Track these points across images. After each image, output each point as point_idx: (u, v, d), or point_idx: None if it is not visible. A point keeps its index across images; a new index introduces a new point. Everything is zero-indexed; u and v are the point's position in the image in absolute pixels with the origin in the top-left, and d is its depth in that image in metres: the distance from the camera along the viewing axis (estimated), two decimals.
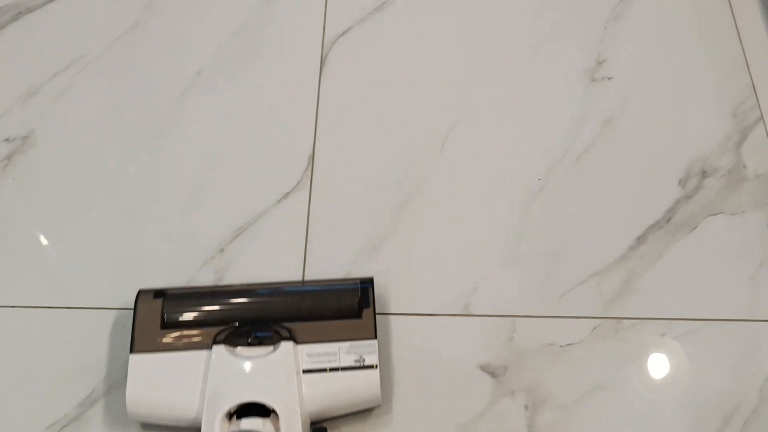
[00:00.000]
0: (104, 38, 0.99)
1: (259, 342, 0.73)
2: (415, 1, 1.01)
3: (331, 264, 0.83)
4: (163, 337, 0.73)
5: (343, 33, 0.99)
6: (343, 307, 0.75)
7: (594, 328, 0.79)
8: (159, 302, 0.76)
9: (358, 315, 0.74)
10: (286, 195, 0.88)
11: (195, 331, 0.73)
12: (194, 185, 0.89)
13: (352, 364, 0.72)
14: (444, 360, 0.78)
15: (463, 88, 0.94)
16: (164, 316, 0.75)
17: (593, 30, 0.99)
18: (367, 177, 0.89)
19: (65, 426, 0.75)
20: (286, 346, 0.72)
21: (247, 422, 0.68)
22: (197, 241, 0.85)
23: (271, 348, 0.72)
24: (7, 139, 0.92)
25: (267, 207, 0.87)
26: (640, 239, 0.84)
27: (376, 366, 0.72)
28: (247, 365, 0.71)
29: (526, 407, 0.75)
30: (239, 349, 0.72)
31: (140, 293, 0.77)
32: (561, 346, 0.78)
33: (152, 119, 0.94)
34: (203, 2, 1.02)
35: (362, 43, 0.98)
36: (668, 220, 0.85)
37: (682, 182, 0.88)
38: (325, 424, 0.73)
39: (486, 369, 0.77)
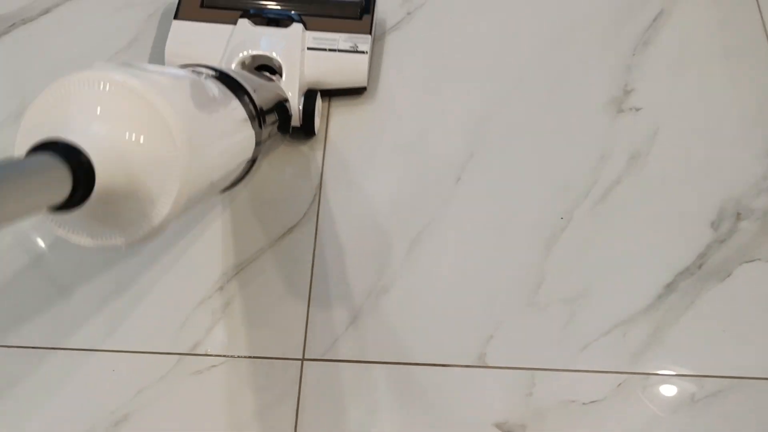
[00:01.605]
0: (101, 53, 0.94)
1: (276, 23, 0.87)
2: (432, 23, 0.95)
3: (336, 306, 0.78)
4: (201, 12, 0.88)
5: None
6: (348, 10, 0.89)
7: (619, 384, 0.74)
8: None
9: (359, 17, 0.88)
10: (292, 228, 0.82)
11: (225, 12, 0.88)
12: (192, 215, 0.84)
13: (348, 48, 0.86)
14: (457, 416, 0.72)
15: (482, 116, 0.89)
16: None
17: (621, 57, 0.92)
18: (378, 212, 0.83)
19: None
20: (296, 27, 0.87)
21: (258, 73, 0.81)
22: (195, 278, 0.80)
23: (284, 28, 0.86)
24: None
25: (271, 241, 0.81)
26: (670, 287, 0.78)
27: (367, 52, 0.86)
28: (264, 33, 0.86)
29: None
30: (258, 27, 0.86)
31: None
32: (584, 404, 0.73)
33: None
34: None
35: (375, 67, 0.93)
36: (700, 267, 0.79)
37: (714, 225, 0.82)
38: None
39: (502, 427, 0.72)
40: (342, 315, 0.77)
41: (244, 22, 0.86)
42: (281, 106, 0.79)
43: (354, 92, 0.89)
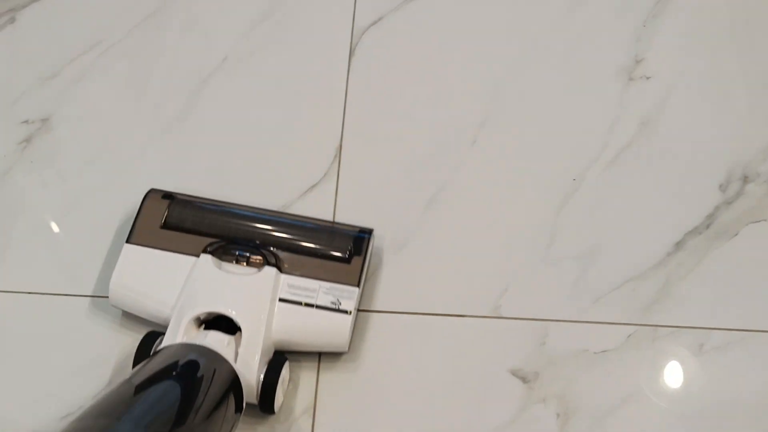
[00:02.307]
0: (126, 21, 0.97)
1: (246, 261, 0.74)
2: None
3: None
4: (160, 236, 0.76)
5: (374, 23, 0.96)
6: (335, 248, 0.76)
7: (629, 335, 0.76)
8: (165, 203, 0.78)
9: (347, 260, 0.75)
10: (313, 187, 0.85)
11: (190, 237, 0.75)
12: (216, 176, 0.87)
13: (328, 304, 0.72)
14: (473, 363, 0.75)
15: (497, 82, 0.91)
16: (166, 217, 0.77)
17: (631, 28, 0.95)
18: (396, 171, 0.86)
19: None
20: (269, 271, 0.73)
21: (212, 336, 0.69)
22: None
23: (255, 270, 0.73)
24: (26, 121, 0.90)
25: (293, 199, 0.84)
26: (679, 245, 0.81)
27: (350, 312, 0.72)
28: (228, 279, 0.73)
29: (558, 415, 0.72)
30: (225, 263, 0.74)
31: (151, 191, 0.79)
32: (595, 353, 0.75)
33: (174, 106, 0.91)
34: None
35: (393, 34, 0.95)
36: (708, 226, 0.82)
37: (722, 187, 0.84)
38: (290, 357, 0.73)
39: (517, 374, 0.74)
40: None
41: (207, 259, 0.73)
42: (233, 386, 0.66)
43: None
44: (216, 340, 0.68)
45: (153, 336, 0.71)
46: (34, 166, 0.87)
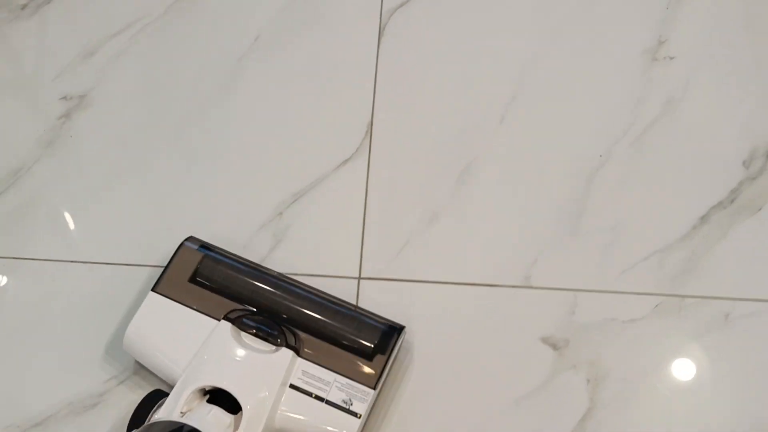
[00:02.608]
0: (163, 0, 0.99)
1: (265, 337, 0.71)
2: None
3: (389, 232, 0.83)
4: (186, 290, 0.74)
5: (401, 5, 0.98)
6: (359, 341, 0.72)
7: (657, 305, 0.78)
8: (199, 256, 0.76)
9: (369, 357, 0.71)
10: (345, 161, 0.87)
11: (215, 298, 0.73)
12: (252, 150, 0.89)
13: (339, 402, 0.68)
14: (505, 330, 0.77)
15: (524, 61, 0.93)
16: (197, 271, 0.75)
17: (654, 10, 0.97)
18: (426, 146, 0.88)
19: (123, 381, 0.75)
20: (286, 353, 0.70)
21: (214, 415, 0.66)
22: (255, 205, 0.85)
23: (272, 348, 0.71)
24: (64, 97, 0.92)
25: (326, 173, 0.86)
26: (704, 219, 0.83)
27: (360, 416, 0.68)
28: (242, 354, 0.70)
29: (588, 381, 0.75)
30: (244, 335, 0.71)
31: (189, 239, 0.78)
32: (623, 322, 0.78)
33: (210, 83, 0.93)
34: None
35: (421, 14, 0.97)
36: (732, 201, 0.84)
37: (746, 163, 0.86)
38: None
39: (548, 341, 0.77)
40: (395, 239, 0.82)
41: (225, 327, 0.71)
42: None
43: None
44: (216, 421, 0.65)
45: (156, 396, 0.70)
46: (74, 140, 0.89)
